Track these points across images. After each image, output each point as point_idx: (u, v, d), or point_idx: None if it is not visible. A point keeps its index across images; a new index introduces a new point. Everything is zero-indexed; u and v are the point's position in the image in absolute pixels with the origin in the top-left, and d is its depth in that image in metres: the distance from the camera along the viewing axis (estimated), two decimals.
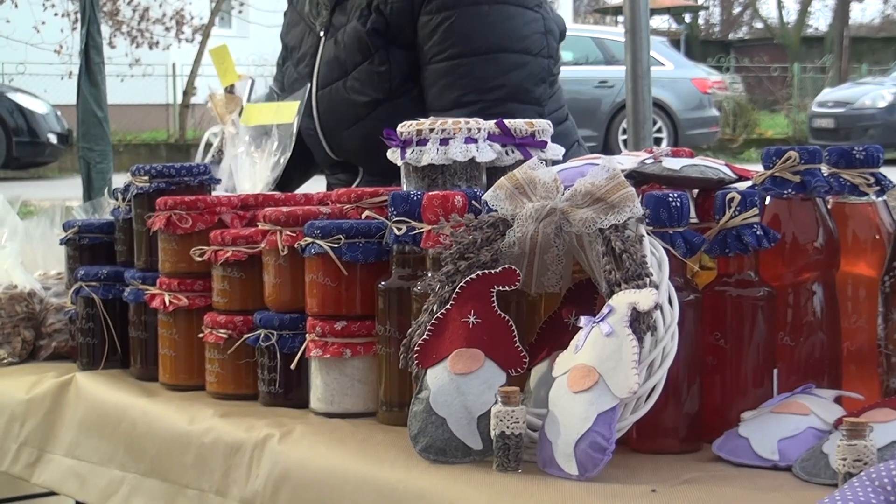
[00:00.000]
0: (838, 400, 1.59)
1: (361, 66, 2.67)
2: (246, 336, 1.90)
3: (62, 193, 9.89)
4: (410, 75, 2.67)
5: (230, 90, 2.50)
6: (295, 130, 2.47)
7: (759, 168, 1.71)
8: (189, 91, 23.23)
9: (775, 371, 1.64)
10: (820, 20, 36.60)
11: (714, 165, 1.80)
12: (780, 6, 36.79)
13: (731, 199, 1.61)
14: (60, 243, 2.31)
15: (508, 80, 2.66)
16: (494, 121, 1.94)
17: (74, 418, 2.08)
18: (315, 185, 2.74)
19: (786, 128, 23.88)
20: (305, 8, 2.84)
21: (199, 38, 23.44)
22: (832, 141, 19.78)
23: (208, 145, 2.48)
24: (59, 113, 16.87)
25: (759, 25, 38.11)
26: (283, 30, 3.04)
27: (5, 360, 2.28)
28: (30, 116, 16.90)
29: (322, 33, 2.78)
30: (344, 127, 2.73)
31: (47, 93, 17.67)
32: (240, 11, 26.38)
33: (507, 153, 1.93)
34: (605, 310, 1.50)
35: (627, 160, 1.78)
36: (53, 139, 17.00)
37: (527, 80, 2.67)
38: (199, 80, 22.94)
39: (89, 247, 2.25)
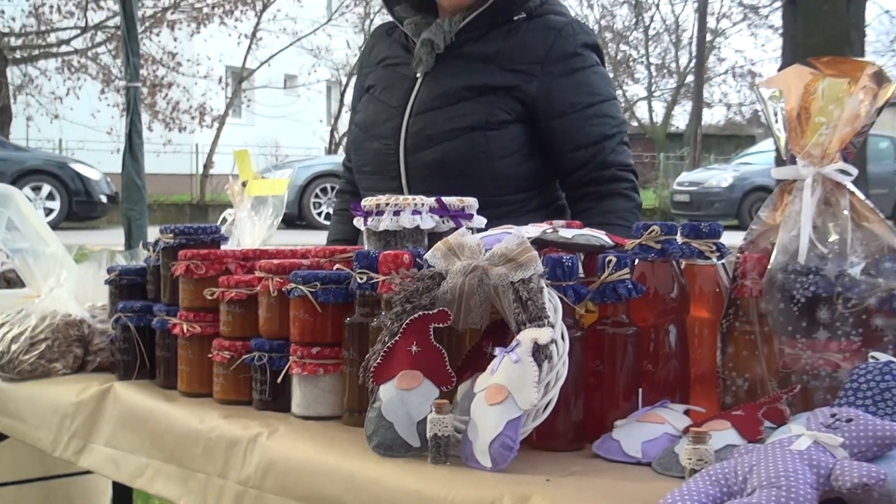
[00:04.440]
0: (687, 412, 1.59)
1: (468, 100, 2.40)
2: (244, 356, 1.89)
3: (109, 241, 9.80)
4: (510, 113, 2.40)
5: (244, 184, 2.49)
6: (285, 201, 2.46)
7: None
8: (208, 164, 23.32)
9: (640, 390, 1.64)
10: (680, 120, 37.02)
11: (597, 235, 1.81)
12: (650, 110, 37.21)
13: (609, 261, 1.62)
14: (105, 283, 2.30)
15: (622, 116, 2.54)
16: (434, 198, 1.94)
17: (112, 417, 2.06)
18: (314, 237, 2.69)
19: (654, 201, 24.08)
20: (393, 57, 2.56)
21: (216, 125, 23.56)
22: (688, 211, 20.05)
23: (223, 221, 2.47)
24: (108, 179, 16.82)
25: (634, 124, 38.48)
26: (360, 114, 2.61)
27: (61, 371, 2.26)
28: (86, 181, 16.85)
29: (420, 75, 2.47)
30: (432, 144, 2.42)
31: (100, 164, 17.62)
32: (248, 105, 26.56)
33: (443, 222, 1.93)
34: (514, 343, 1.50)
35: (533, 230, 1.78)
36: (104, 199, 16.93)
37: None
38: (215, 156, 23.07)
39: (127, 286, 2.23)
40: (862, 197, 1.59)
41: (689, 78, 33.49)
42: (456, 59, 2.44)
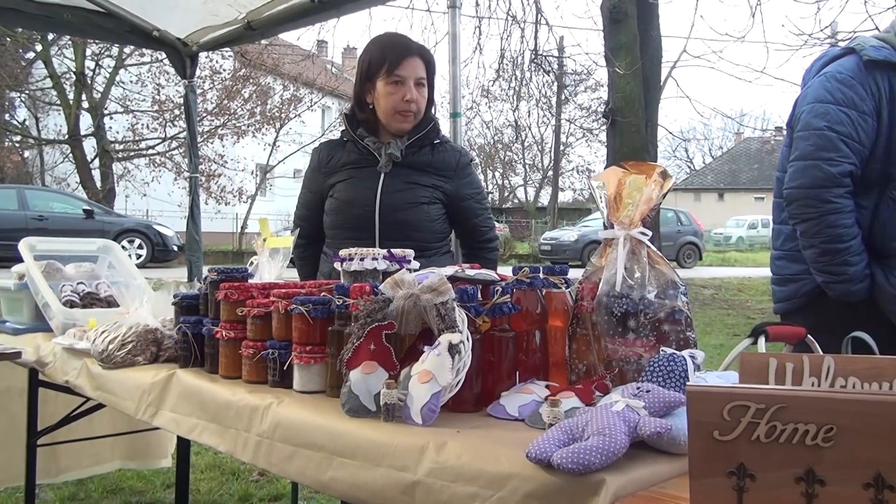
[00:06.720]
0: (547, 387, 1.58)
1: (417, 189, 2.51)
2: (262, 352, 1.84)
3: (177, 275, 9.59)
4: (438, 198, 2.53)
5: (265, 240, 2.45)
6: (291, 251, 2.41)
7: (510, 273, 1.72)
8: (243, 227, 23.11)
9: (517, 372, 1.63)
10: (544, 199, 37.34)
11: (490, 273, 1.79)
12: (525, 192, 37.57)
13: (497, 290, 1.61)
14: (172, 304, 2.23)
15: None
16: (385, 249, 1.93)
17: (175, 392, 1.99)
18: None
19: (528, 250, 24.24)
20: (356, 161, 2.57)
21: (249, 201, 23.46)
22: (550, 256, 20.22)
23: (250, 264, 2.42)
24: (178, 236, 16.49)
25: (516, 201, 38.75)
26: (342, 193, 2.56)
27: (142, 362, 2.19)
28: (164, 237, 16.51)
29: (383, 172, 2.51)
30: (398, 212, 2.46)
31: (173, 225, 17.31)
32: (270, 188, 26.38)
33: (392, 265, 1.91)
34: (436, 343, 1.48)
35: (449, 270, 1.76)
36: (175, 249, 16.57)
37: None
38: (249, 221, 22.87)
39: (186, 306, 2.16)
40: (655, 249, 1.60)
41: (550, 173, 33.98)
42: (404, 165, 2.55)
